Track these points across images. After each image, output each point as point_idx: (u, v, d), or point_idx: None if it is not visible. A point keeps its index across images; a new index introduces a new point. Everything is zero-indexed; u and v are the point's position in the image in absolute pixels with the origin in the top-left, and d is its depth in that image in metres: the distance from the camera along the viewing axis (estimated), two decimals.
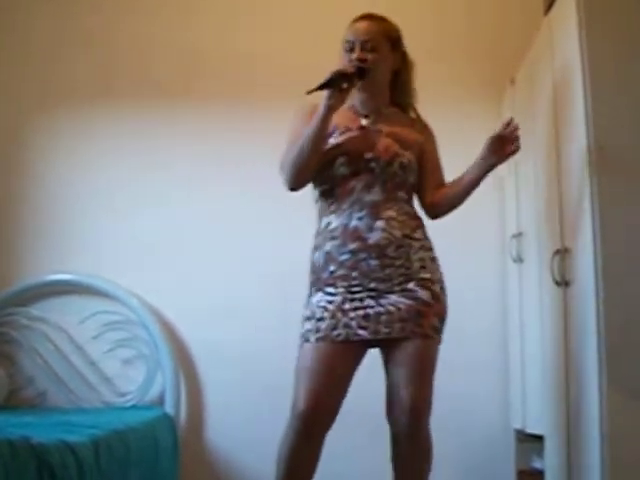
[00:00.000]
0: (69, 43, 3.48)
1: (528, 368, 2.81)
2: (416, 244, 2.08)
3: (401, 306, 2.00)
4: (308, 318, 2.04)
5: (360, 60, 2.07)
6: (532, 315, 2.72)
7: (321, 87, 1.96)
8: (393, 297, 2.00)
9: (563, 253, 2.24)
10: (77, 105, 3.44)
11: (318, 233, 2.12)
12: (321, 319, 2.00)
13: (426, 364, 2.03)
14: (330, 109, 1.99)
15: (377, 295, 2.00)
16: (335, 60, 2.15)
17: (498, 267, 3.19)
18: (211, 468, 3.17)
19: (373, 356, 2.11)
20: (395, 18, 2.24)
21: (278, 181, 2.15)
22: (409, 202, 2.16)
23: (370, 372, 2.11)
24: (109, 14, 3.50)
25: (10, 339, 3.23)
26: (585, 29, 2.09)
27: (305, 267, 2.16)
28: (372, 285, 2.01)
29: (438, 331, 2.05)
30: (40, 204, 3.39)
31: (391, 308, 1.99)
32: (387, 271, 2.02)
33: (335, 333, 1.98)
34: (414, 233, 2.09)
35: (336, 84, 1.97)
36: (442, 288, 2.10)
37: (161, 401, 3.16)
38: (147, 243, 3.31)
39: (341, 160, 2.07)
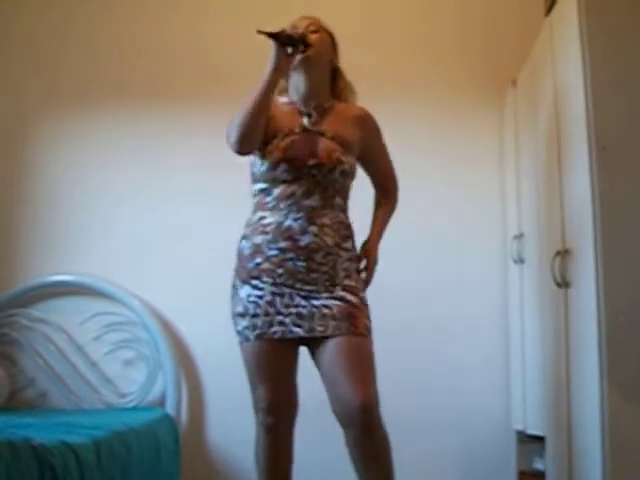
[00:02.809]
0: (78, 43, 3.48)
1: (529, 369, 2.81)
2: (344, 254, 2.09)
3: (333, 307, 2.01)
4: (241, 315, 2.05)
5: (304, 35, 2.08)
6: (533, 316, 2.72)
7: (271, 35, 1.99)
8: (323, 299, 2.02)
9: (564, 254, 2.24)
10: (81, 106, 3.44)
11: (249, 224, 2.14)
12: (255, 315, 2.02)
13: (365, 359, 2.00)
14: (277, 70, 2.03)
15: (306, 295, 2.02)
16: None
17: (499, 268, 3.19)
18: (212, 468, 3.17)
19: None
20: (395, 21, 2.25)
21: None
22: (344, 210, 2.16)
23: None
24: (120, 14, 3.50)
25: (11, 340, 3.23)
26: (586, 30, 2.10)
27: None
28: (298, 285, 2.03)
29: (370, 332, 2.05)
30: (42, 205, 3.39)
31: (324, 309, 2.01)
32: (313, 275, 2.03)
33: (272, 331, 2.01)
34: (344, 243, 2.10)
35: (282, 42, 2.01)
36: (364, 298, 2.09)
37: (162, 402, 3.16)
38: (148, 244, 3.32)
39: (284, 167, 2.07)
